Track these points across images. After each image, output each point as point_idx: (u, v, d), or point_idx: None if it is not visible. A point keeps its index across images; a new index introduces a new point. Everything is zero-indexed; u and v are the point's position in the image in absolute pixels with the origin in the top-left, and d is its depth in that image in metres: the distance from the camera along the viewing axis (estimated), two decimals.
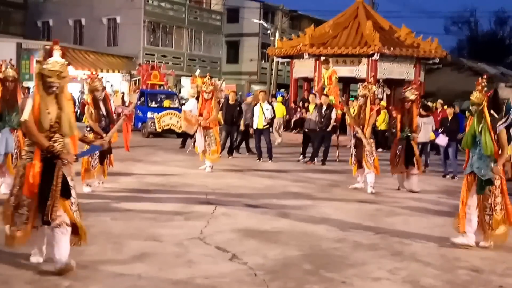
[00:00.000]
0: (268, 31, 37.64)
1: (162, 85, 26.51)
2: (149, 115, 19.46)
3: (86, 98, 9.10)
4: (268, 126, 13.63)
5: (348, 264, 5.37)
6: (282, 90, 33.94)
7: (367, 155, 9.46)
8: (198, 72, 23.60)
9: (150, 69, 26.42)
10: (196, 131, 11.34)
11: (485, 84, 6.12)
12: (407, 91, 9.89)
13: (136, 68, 28.68)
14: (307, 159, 13.61)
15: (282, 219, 7.18)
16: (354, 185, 9.96)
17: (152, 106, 20.76)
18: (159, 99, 21.66)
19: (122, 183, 9.36)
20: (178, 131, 17.60)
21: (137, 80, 27.80)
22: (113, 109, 9.08)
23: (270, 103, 15.22)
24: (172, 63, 34.97)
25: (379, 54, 19.66)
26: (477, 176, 6.05)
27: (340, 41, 20.60)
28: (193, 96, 16.41)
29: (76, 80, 26.43)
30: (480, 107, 6.04)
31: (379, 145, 15.32)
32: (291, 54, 21.94)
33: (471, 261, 5.63)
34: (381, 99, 18.73)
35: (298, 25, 41.89)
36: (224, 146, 13.35)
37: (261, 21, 39.27)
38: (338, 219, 7.30)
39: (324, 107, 13.37)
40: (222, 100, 15.05)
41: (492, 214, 6.04)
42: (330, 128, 13.33)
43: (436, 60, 21.24)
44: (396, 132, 9.88)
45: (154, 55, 34.57)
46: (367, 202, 8.75)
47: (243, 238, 6.13)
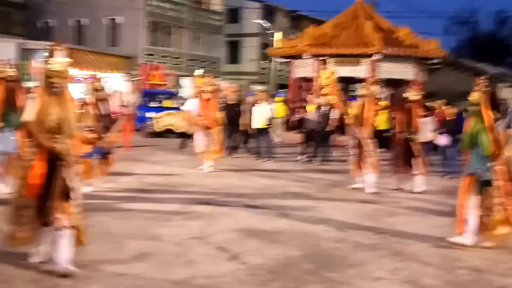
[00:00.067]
0: (268, 32, 37.62)
1: (162, 85, 26.51)
2: (149, 115, 19.46)
3: (86, 99, 9.07)
4: (268, 126, 13.63)
5: (348, 264, 5.37)
6: (283, 90, 33.94)
7: (367, 155, 9.46)
8: (198, 72, 23.60)
9: (150, 69, 26.44)
10: (196, 131, 11.35)
11: (484, 84, 6.10)
12: (409, 91, 9.87)
13: (137, 68, 28.70)
14: (307, 159, 13.62)
15: (282, 219, 7.18)
16: (354, 185, 9.95)
17: (152, 106, 20.75)
18: (159, 99, 21.66)
19: (122, 183, 9.35)
20: (178, 131, 17.61)
21: (137, 80, 27.81)
22: (112, 109, 9.10)
23: (270, 103, 15.22)
24: (172, 63, 34.93)
25: (379, 54, 19.67)
26: (476, 177, 6.03)
27: (340, 41, 20.59)
28: (193, 96, 16.40)
29: (78, 80, 26.42)
30: (479, 108, 6.01)
31: (379, 145, 15.27)
32: (291, 54, 21.94)
33: (471, 261, 5.63)
34: (381, 99, 18.70)
35: (298, 25, 41.85)
36: (224, 146, 13.34)
37: (261, 21, 39.28)
38: (338, 219, 7.30)
39: (324, 107, 13.38)
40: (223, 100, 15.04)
41: (492, 215, 6.03)
42: (330, 128, 13.35)
43: (436, 61, 21.23)
44: (396, 133, 9.85)
45: (154, 55, 34.58)
46: (367, 202, 8.75)
47: (243, 238, 6.14)
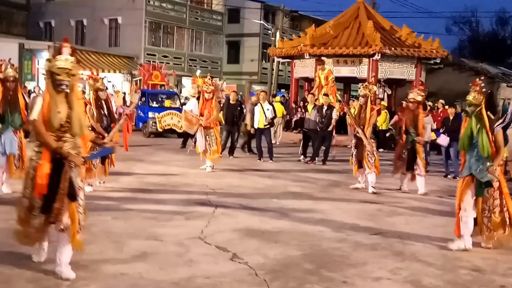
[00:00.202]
0: (269, 32, 37.62)
1: (163, 85, 26.53)
2: (150, 115, 19.43)
3: (87, 98, 9.07)
4: (269, 126, 13.64)
5: (349, 264, 5.36)
6: (283, 90, 33.96)
7: (368, 155, 9.44)
8: (198, 72, 23.62)
9: (151, 69, 26.44)
10: (196, 131, 11.35)
11: (483, 84, 6.06)
12: (412, 92, 9.83)
13: (137, 68, 28.70)
14: (307, 159, 13.62)
15: (282, 219, 7.17)
16: (354, 185, 9.95)
17: (153, 106, 20.73)
18: (160, 99, 21.64)
19: (123, 182, 9.35)
20: (179, 131, 17.60)
21: (138, 80, 27.83)
22: (114, 109, 9.10)
23: (270, 103, 15.21)
24: (173, 63, 34.96)
25: (380, 54, 19.68)
26: (475, 178, 5.97)
27: (341, 41, 20.61)
28: (194, 96, 16.41)
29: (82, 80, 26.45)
30: (478, 108, 5.94)
31: (380, 145, 15.29)
32: (292, 54, 21.96)
33: (472, 261, 5.62)
34: (382, 99, 18.72)
35: (299, 25, 41.93)
36: (225, 146, 13.35)
37: (261, 21, 39.27)
38: (339, 219, 7.29)
39: (325, 107, 13.38)
40: (223, 100, 15.04)
41: (491, 216, 5.99)
42: (330, 128, 13.34)
43: (437, 60, 21.24)
44: (400, 135, 9.76)
45: (155, 55, 34.62)
46: (368, 202, 8.74)
47: (244, 238, 6.13)
